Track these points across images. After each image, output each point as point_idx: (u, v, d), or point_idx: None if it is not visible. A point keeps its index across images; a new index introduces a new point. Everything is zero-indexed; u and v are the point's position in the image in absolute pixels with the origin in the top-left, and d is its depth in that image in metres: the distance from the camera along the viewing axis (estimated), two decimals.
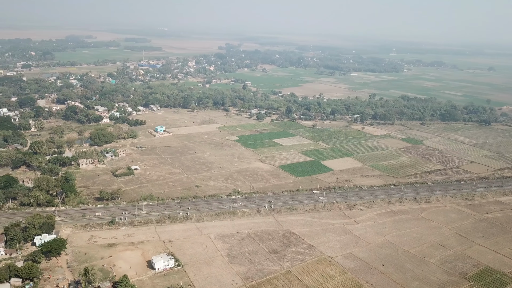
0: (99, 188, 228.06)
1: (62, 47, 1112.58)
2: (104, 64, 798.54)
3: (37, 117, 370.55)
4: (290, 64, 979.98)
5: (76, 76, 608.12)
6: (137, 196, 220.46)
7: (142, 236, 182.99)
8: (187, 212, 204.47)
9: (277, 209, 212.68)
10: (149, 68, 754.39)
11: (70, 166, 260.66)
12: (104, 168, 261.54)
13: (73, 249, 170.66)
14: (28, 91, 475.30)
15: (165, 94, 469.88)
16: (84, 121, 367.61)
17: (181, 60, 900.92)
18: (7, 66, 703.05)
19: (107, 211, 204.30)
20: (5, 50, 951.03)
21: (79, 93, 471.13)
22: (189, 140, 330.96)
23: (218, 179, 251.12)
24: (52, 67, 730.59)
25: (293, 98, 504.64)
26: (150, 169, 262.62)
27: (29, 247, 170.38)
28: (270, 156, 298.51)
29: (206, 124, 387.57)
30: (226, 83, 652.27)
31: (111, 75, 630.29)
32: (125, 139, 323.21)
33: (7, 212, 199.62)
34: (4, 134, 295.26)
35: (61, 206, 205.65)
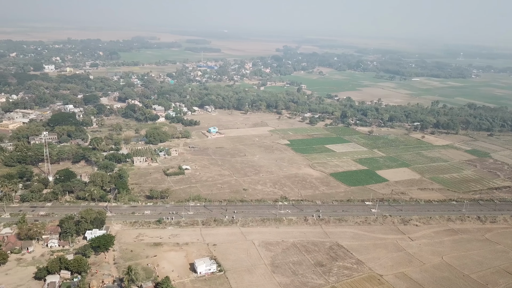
0: (150, 186, 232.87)
1: (128, 47, 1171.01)
2: (165, 65, 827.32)
3: (99, 114, 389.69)
4: (348, 67, 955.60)
5: (138, 75, 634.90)
6: (185, 196, 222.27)
7: (187, 238, 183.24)
8: (233, 215, 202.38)
9: (326, 219, 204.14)
10: (206, 69, 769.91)
11: (125, 163, 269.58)
12: (157, 167, 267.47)
13: (120, 245, 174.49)
14: (93, 89, 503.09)
15: (220, 96, 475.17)
16: (142, 120, 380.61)
17: (238, 62, 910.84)
18: (77, 64, 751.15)
19: (155, 209, 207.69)
20: (77, 49, 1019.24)
21: (139, 92, 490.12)
22: (240, 142, 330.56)
23: (266, 183, 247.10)
24: (117, 66, 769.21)
25: (349, 103, 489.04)
26: (200, 170, 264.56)
27: (80, 240, 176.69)
28: (321, 162, 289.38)
29: (258, 126, 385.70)
30: (281, 85, 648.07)
31: (170, 75, 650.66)
32: (179, 139, 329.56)
33: (63, 204, 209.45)
34: (68, 129, 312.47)
35: (113, 202, 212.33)
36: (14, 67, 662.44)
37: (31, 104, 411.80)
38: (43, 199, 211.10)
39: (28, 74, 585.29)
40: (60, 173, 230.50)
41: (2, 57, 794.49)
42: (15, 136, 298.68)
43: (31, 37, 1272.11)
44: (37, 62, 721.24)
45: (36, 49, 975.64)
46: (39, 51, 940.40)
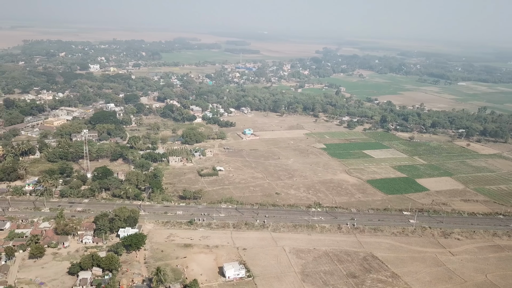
0: (184, 187, 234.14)
1: (169, 48, 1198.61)
2: (204, 66, 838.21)
3: (139, 113, 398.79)
4: (389, 70, 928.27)
5: (177, 76, 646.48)
6: (218, 198, 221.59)
7: (217, 240, 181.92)
8: (264, 220, 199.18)
9: (360, 228, 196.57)
10: (245, 70, 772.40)
11: (160, 162, 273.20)
12: (191, 167, 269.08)
13: (152, 245, 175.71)
14: (134, 89, 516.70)
15: (257, 97, 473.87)
16: (179, 120, 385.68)
17: (276, 63, 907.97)
18: (120, 64, 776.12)
19: (187, 210, 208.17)
20: (122, 50, 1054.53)
21: (178, 92, 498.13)
22: (274, 144, 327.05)
23: (299, 188, 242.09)
24: (158, 66, 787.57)
25: (390, 107, 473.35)
26: (234, 172, 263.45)
27: (114, 238, 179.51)
28: (358, 168, 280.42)
29: (294, 129, 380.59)
30: (319, 88, 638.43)
31: (209, 76, 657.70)
32: (214, 140, 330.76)
33: (100, 201, 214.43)
34: (108, 127, 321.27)
35: (147, 201, 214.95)
36: (62, 66, 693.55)
37: (76, 102, 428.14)
38: (81, 195, 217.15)
39: (74, 73, 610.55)
40: (98, 170, 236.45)
41: (52, 57, 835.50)
42: (58, 133, 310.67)
43: (80, 38, 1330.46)
44: (83, 62, 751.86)
45: (84, 49, 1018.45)
46: (86, 51, 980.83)
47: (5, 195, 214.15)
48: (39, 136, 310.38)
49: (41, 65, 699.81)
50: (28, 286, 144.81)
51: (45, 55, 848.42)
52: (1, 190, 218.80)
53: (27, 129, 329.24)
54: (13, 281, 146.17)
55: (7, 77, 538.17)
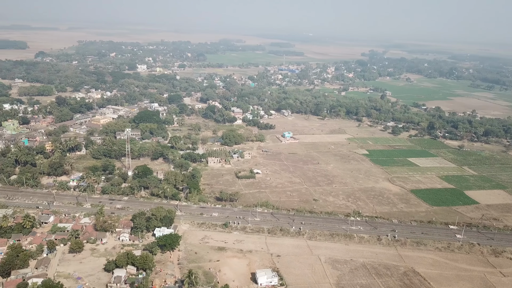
0: (221, 188, 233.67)
1: (214, 49, 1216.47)
2: (247, 67, 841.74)
3: (181, 113, 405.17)
4: (439, 74, 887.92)
5: (220, 77, 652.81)
6: (254, 201, 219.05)
7: (251, 245, 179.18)
8: (300, 226, 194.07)
9: (402, 241, 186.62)
10: (287, 72, 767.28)
11: (200, 162, 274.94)
12: (229, 169, 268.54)
13: (186, 246, 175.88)
14: (178, 89, 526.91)
15: (298, 100, 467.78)
16: (220, 121, 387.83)
17: (320, 65, 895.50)
18: (166, 65, 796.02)
19: (223, 212, 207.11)
20: (168, 51, 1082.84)
21: (220, 93, 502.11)
22: (314, 149, 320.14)
23: (338, 195, 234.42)
24: (203, 67, 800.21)
25: (438, 113, 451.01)
26: (271, 175, 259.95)
27: (149, 237, 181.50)
28: (401, 177, 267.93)
29: (335, 133, 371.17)
30: (364, 91, 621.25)
31: (251, 78, 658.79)
32: (253, 142, 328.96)
33: (138, 199, 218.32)
34: (151, 127, 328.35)
35: (184, 201, 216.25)
36: (112, 66, 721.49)
37: (122, 101, 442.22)
38: (121, 192, 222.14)
39: (122, 73, 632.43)
40: (139, 168, 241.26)
41: (103, 57, 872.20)
42: (104, 131, 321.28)
43: (130, 39, 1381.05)
44: (132, 62, 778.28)
45: (133, 50, 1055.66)
46: (135, 52, 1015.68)
47: (51, 189, 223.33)
48: (86, 133, 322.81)
49: (92, 65, 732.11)
50: (66, 280, 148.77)
51: (97, 55, 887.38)
52: (48, 184, 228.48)
53: (75, 126, 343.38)
54: (53, 274, 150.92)
55: (61, 75, 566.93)
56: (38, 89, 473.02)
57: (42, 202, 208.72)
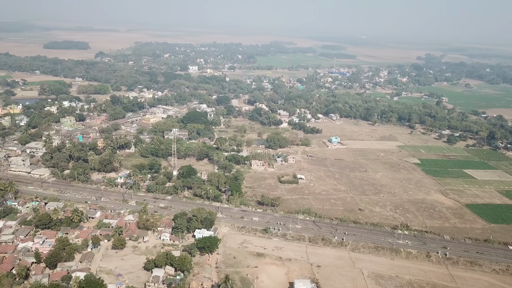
0: (263, 192, 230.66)
1: (265, 51, 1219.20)
2: (297, 70, 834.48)
3: (228, 114, 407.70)
4: (503, 80, 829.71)
5: (269, 79, 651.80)
6: (295, 207, 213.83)
7: (291, 253, 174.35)
8: (343, 237, 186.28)
9: (454, 260, 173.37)
10: (338, 75, 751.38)
11: (243, 165, 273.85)
12: (272, 172, 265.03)
13: (225, 249, 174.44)
14: (226, 91, 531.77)
15: (348, 104, 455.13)
16: (266, 123, 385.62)
17: (372, 69, 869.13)
18: (217, 67, 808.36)
19: (264, 217, 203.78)
20: (220, 52, 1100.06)
21: (267, 96, 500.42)
22: (362, 155, 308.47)
23: (386, 206, 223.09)
24: (252, 70, 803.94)
25: (500, 122, 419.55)
26: (315, 181, 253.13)
27: (189, 238, 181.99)
28: (456, 189, 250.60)
29: (385, 140, 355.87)
30: (418, 97, 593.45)
31: (300, 81, 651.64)
32: (298, 146, 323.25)
33: (181, 199, 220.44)
34: (198, 127, 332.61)
35: (225, 204, 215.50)
36: (165, 67, 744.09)
37: (172, 101, 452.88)
38: (165, 191, 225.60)
39: (174, 73, 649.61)
40: (183, 168, 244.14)
41: (157, 58, 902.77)
42: (153, 130, 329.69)
43: (183, 40, 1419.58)
44: (183, 63, 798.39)
45: (185, 51, 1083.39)
46: (187, 53, 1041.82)
47: (100, 185, 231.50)
48: (136, 131, 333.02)
49: (147, 65, 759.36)
50: (107, 275, 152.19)
51: (152, 56, 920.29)
52: (97, 180, 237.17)
53: (126, 125, 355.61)
54: (95, 269, 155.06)
55: (117, 75, 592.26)
56: (95, 88, 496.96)
57: (91, 197, 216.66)
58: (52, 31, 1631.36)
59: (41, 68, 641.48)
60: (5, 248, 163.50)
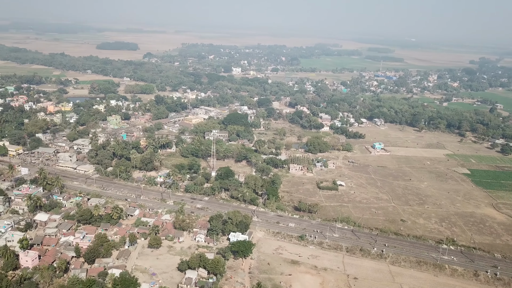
0: (300, 197, 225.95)
1: (309, 54, 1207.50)
2: (341, 72, 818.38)
3: (269, 117, 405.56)
4: None
5: (312, 82, 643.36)
6: (334, 215, 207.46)
7: (326, 262, 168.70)
8: (383, 249, 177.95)
9: (505, 281, 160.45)
10: (384, 79, 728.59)
11: (281, 168, 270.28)
12: (311, 178, 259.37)
13: (259, 255, 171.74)
14: (268, 93, 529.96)
15: (393, 109, 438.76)
16: (306, 127, 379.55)
17: (421, 73, 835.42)
18: (260, 68, 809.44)
19: (300, 223, 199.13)
20: (263, 54, 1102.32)
21: (309, 98, 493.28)
22: (407, 163, 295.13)
23: (430, 218, 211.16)
24: (295, 72, 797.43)
25: None
26: (356, 189, 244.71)
27: (224, 240, 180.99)
28: (510, 204, 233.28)
29: (432, 148, 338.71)
30: (469, 103, 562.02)
31: (344, 84, 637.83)
32: (339, 151, 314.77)
33: (218, 201, 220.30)
34: (238, 129, 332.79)
35: (261, 208, 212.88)
36: (209, 68, 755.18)
37: (214, 103, 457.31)
38: (202, 192, 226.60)
39: (218, 75, 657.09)
40: (221, 170, 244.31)
41: (203, 59, 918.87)
42: (194, 130, 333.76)
43: (228, 42, 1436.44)
44: (227, 65, 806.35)
45: (230, 53, 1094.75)
46: (232, 55, 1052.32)
47: (140, 183, 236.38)
48: (177, 131, 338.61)
49: (191, 66, 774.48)
50: (142, 274, 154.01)
51: (197, 57, 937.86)
52: (138, 179, 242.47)
53: (169, 124, 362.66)
54: (131, 267, 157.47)
55: (163, 76, 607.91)
56: (141, 88, 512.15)
57: (131, 195, 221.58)
58: (104, 32, 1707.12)
59: (92, 68, 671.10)
60: (49, 241, 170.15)
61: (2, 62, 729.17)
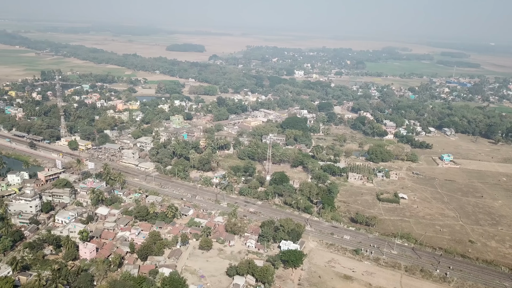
0: (358, 209, 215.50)
1: (376, 57, 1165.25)
2: (410, 78, 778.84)
3: (329, 122, 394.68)
4: None
5: (377, 87, 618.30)
6: (393, 230, 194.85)
7: (382, 281, 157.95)
8: (446, 271, 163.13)
9: None
10: (456, 86, 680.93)
11: (339, 177, 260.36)
12: (370, 188, 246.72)
13: (310, 266, 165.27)
14: (330, 97, 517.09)
15: (466, 118, 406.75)
16: (369, 134, 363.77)
17: (499, 80, 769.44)
18: (323, 72, 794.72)
19: (356, 236, 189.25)
20: (328, 57, 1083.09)
21: (373, 104, 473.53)
22: (479, 178, 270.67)
23: (504, 241, 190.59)
24: (360, 76, 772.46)
25: None
26: (419, 203, 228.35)
27: (275, 248, 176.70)
28: None
29: (509, 163, 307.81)
30: None
31: (412, 90, 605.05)
32: (403, 161, 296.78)
33: (271, 206, 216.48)
34: (296, 133, 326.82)
35: (315, 217, 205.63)
36: (272, 71, 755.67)
37: (274, 106, 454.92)
38: (256, 196, 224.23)
39: (280, 77, 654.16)
40: (276, 175, 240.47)
41: (266, 62, 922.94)
42: (252, 133, 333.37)
43: (292, 45, 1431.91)
44: (290, 68, 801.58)
45: (293, 56, 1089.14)
46: (295, 58, 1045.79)
47: (196, 183, 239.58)
48: (236, 133, 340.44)
49: (254, 69, 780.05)
50: (191, 275, 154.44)
51: (260, 60, 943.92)
52: (194, 178, 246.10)
53: (228, 126, 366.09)
54: (181, 267, 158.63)
55: (226, 77, 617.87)
56: (205, 89, 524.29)
57: (187, 194, 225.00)
58: (174, 34, 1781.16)
59: (161, 68, 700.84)
60: (107, 235, 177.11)
61: (82, 61, 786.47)
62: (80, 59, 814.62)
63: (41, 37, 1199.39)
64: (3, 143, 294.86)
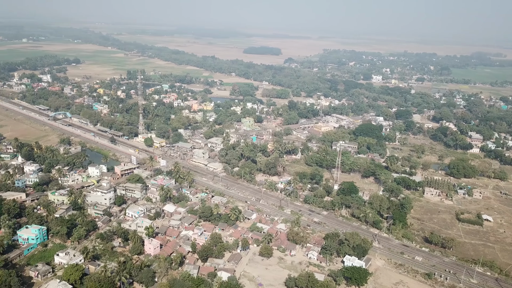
0: (433, 228, 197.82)
1: (463, 63, 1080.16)
2: (502, 86, 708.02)
3: (406, 131, 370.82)
4: None
5: (463, 95, 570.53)
6: (474, 255, 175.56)
7: None
8: None
9: None
10: None
11: (414, 191, 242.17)
12: (449, 206, 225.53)
13: (375, 286, 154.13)
14: (409, 104, 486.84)
15: None
16: (451, 146, 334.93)
17: None
18: (403, 77, 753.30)
19: (429, 259, 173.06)
20: (409, 62, 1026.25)
21: (458, 114, 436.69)
22: None
23: None
24: (444, 83, 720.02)
25: None
26: (507, 227, 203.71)
27: (338, 262, 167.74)
28: None
29: None
30: None
31: (504, 99, 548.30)
32: (490, 179, 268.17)
33: (337, 217, 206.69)
34: (369, 141, 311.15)
35: (385, 233, 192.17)
36: (347, 75, 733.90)
37: (348, 111, 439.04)
38: (322, 205, 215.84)
39: (356, 82, 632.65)
40: (345, 184, 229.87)
41: (342, 65, 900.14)
42: (322, 139, 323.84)
43: (372, 49, 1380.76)
44: (368, 72, 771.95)
45: (372, 60, 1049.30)
46: (374, 62, 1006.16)
47: (261, 187, 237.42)
48: (305, 138, 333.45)
49: (330, 73, 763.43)
50: (249, 282, 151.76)
51: (337, 64, 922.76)
52: (260, 182, 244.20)
53: (298, 130, 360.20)
54: (240, 272, 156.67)
55: (300, 81, 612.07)
56: (277, 92, 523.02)
57: (251, 197, 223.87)
58: (252, 37, 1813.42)
59: (236, 71, 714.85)
60: (171, 232, 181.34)
61: (164, 62, 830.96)
62: (162, 60, 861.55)
63: (130, 39, 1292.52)
64: (88, 137, 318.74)
